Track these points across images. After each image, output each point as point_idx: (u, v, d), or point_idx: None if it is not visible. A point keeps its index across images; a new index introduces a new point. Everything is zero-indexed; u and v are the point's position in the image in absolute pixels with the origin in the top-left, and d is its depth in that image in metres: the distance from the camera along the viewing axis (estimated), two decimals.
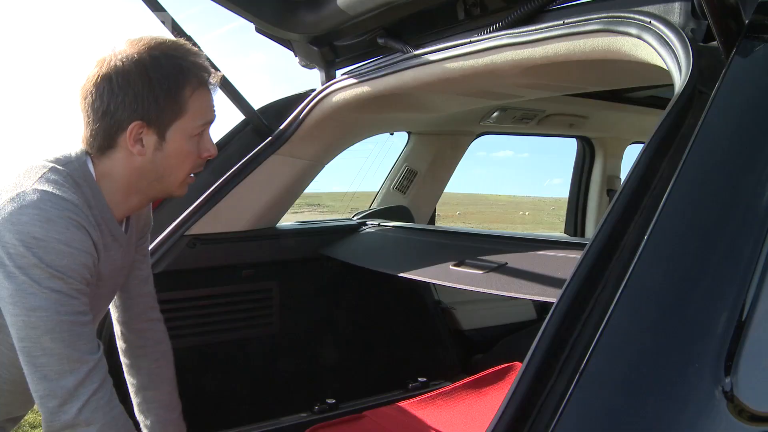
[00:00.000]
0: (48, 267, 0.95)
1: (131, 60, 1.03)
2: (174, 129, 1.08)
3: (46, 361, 0.96)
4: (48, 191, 0.99)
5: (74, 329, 0.98)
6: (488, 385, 1.78)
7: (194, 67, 1.08)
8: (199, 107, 1.09)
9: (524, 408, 0.62)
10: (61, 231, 0.97)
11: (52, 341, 0.96)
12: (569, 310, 0.67)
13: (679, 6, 1.09)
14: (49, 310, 0.95)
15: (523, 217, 28.26)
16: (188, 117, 1.08)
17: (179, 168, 1.11)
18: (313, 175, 2.02)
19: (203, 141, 1.13)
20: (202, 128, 1.11)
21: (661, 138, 0.80)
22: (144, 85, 1.03)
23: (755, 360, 0.63)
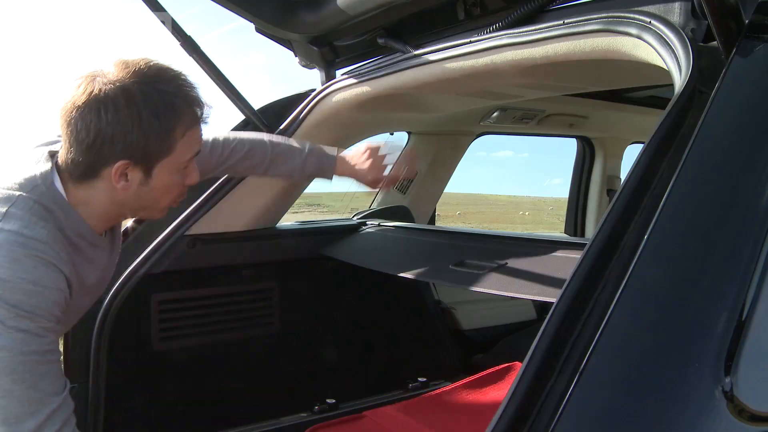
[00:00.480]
0: (13, 308, 0.91)
1: (121, 92, 0.97)
2: (161, 165, 1.04)
3: (6, 403, 0.92)
4: (13, 231, 0.95)
5: (38, 369, 0.94)
6: (488, 385, 1.78)
7: (186, 104, 1.03)
8: (188, 144, 1.06)
9: (524, 408, 0.62)
10: (28, 270, 0.93)
11: (12, 382, 0.91)
12: (569, 310, 0.67)
13: (679, 6, 1.09)
14: (13, 350, 0.91)
15: (523, 217, 28.27)
16: (176, 154, 1.04)
17: (163, 199, 1.10)
18: None
19: (188, 170, 1.10)
20: (189, 161, 1.09)
21: (661, 138, 0.80)
22: (134, 124, 0.98)
23: (755, 360, 0.63)
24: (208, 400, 1.86)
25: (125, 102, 0.97)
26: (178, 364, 1.82)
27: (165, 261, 1.76)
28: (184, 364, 1.82)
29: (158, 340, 1.78)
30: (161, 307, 1.78)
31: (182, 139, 1.04)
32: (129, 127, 0.98)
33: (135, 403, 1.76)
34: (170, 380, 1.81)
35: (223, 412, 1.88)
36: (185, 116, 1.03)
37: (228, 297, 1.89)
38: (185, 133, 1.04)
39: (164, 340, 1.79)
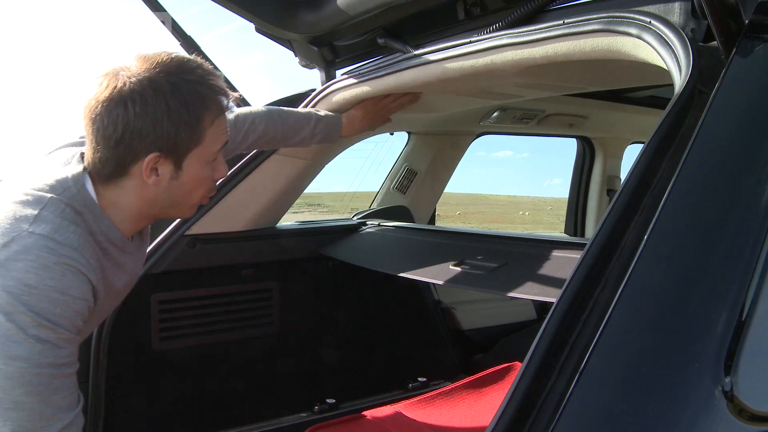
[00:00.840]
0: (36, 315, 0.89)
1: (148, 83, 0.95)
2: (191, 157, 1.02)
3: (16, 415, 0.90)
4: (44, 235, 0.92)
5: (53, 383, 0.92)
6: (488, 385, 1.78)
7: (213, 92, 1.02)
8: (216, 134, 1.04)
9: (524, 408, 0.62)
10: (56, 278, 0.91)
11: (26, 395, 0.89)
12: (569, 310, 0.67)
13: (679, 6, 1.09)
14: (30, 360, 0.89)
15: (523, 217, 28.27)
16: (206, 144, 1.03)
17: (194, 193, 1.08)
18: (313, 175, 2.02)
19: (217, 163, 1.09)
20: (217, 152, 1.07)
21: (661, 138, 0.80)
22: (163, 115, 0.96)
23: (755, 360, 0.63)
24: (208, 400, 1.86)
25: (152, 93, 0.95)
26: (178, 364, 1.82)
27: (165, 261, 1.76)
28: (184, 364, 1.82)
29: (158, 340, 1.78)
30: (161, 307, 1.78)
31: (211, 127, 1.03)
32: (158, 118, 0.96)
33: (135, 403, 1.76)
34: (170, 380, 1.81)
35: (223, 412, 1.88)
36: (213, 104, 1.02)
37: (228, 297, 1.89)
38: (213, 121, 1.03)
39: (164, 340, 1.79)
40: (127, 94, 0.95)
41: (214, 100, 1.02)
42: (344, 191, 3.25)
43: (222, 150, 1.09)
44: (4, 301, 0.88)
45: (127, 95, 0.95)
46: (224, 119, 1.07)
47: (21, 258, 0.90)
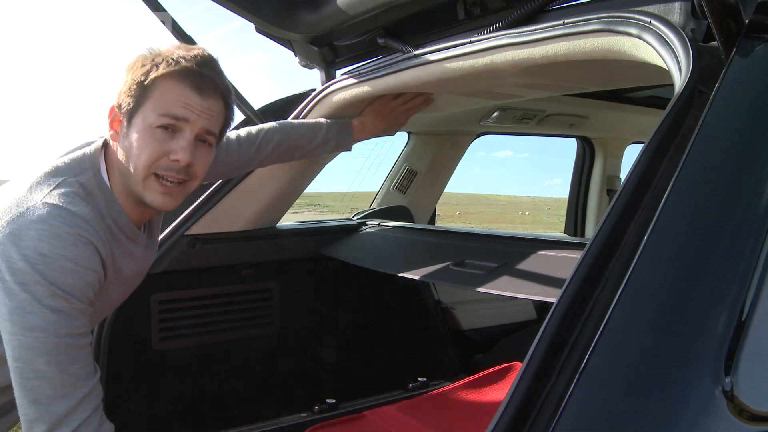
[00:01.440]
0: (51, 285, 0.91)
1: (139, 55, 1.07)
2: (137, 116, 1.04)
3: (38, 384, 0.93)
4: (58, 205, 0.96)
5: (71, 352, 0.94)
6: (488, 385, 1.78)
7: (172, 58, 1.04)
8: (161, 96, 1.03)
9: (524, 408, 0.62)
10: (68, 248, 0.94)
11: (47, 364, 0.92)
12: (569, 310, 0.67)
13: (679, 6, 1.09)
14: (47, 330, 0.91)
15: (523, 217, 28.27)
16: (149, 104, 1.03)
17: (138, 158, 1.04)
18: (313, 175, 2.02)
19: (173, 142, 1.04)
20: (165, 120, 1.03)
21: (661, 138, 0.80)
22: (127, 73, 1.06)
23: (755, 360, 0.63)
24: (208, 400, 1.86)
25: (132, 60, 1.07)
26: (178, 364, 1.82)
27: (165, 261, 1.76)
28: (184, 364, 1.82)
29: (158, 340, 1.78)
30: (161, 307, 1.78)
31: (156, 85, 1.03)
32: (124, 73, 1.07)
33: (135, 402, 1.76)
34: (170, 380, 1.81)
35: (223, 412, 1.88)
36: (163, 64, 1.03)
37: (228, 297, 1.89)
38: (159, 79, 1.03)
39: (164, 340, 1.79)
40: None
41: (168, 61, 1.04)
42: (344, 191, 3.25)
43: (183, 133, 1.05)
44: (19, 269, 0.91)
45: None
46: (177, 86, 1.04)
47: (34, 227, 0.93)
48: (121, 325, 1.70)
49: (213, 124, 1.09)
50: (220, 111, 1.10)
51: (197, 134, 1.07)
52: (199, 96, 1.05)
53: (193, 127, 1.05)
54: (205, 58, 1.08)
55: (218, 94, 1.09)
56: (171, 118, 1.03)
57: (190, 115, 1.04)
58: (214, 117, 1.09)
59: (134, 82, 1.04)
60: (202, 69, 1.06)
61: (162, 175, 1.05)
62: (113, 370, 1.69)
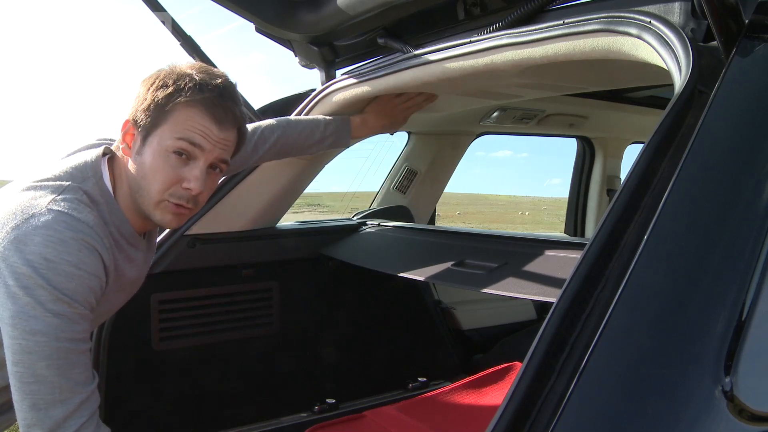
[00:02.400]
0: (54, 289, 0.92)
1: (156, 72, 1.07)
2: (153, 137, 1.04)
3: (37, 388, 0.93)
4: (63, 212, 0.97)
5: (71, 357, 0.95)
6: (488, 385, 1.78)
7: (194, 85, 1.04)
8: (182, 121, 1.03)
9: (524, 408, 0.62)
10: (72, 253, 0.94)
11: (47, 368, 0.92)
12: (569, 310, 0.67)
13: (679, 6, 1.09)
14: (49, 335, 0.92)
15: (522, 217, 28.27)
16: (167, 127, 1.04)
17: (151, 182, 1.05)
18: (313, 175, 2.02)
19: (187, 169, 1.05)
20: (180, 145, 1.04)
21: (661, 138, 0.80)
22: (146, 89, 1.05)
23: (755, 360, 0.63)
24: (208, 400, 1.86)
25: (153, 73, 1.07)
26: (178, 364, 1.82)
27: (165, 261, 1.76)
28: (184, 364, 1.82)
29: (158, 340, 1.78)
30: (161, 307, 1.78)
31: (175, 110, 1.03)
32: (142, 91, 1.06)
33: (135, 402, 1.76)
34: (170, 380, 1.81)
35: (223, 411, 1.88)
36: (188, 89, 1.03)
37: (228, 297, 1.89)
38: (179, 105, 1.03)
39: (164, 340, 1.79)
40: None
41: (192, 86, 1.04)
42: (344, 191, 3.25)
43: (197, 155, 1.06)
44: (23, 273, 0.91)
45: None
46: (197, 114, 1.04)
47: (39, 233, 0.94)
48: (121, 325, 1.69)
49: (227, 154, 1.11)
50: (234, 140, 1.12)
51: (211, 163, 1.08)
52: (217, 127, 1.06)
53: (207, 157, 1.06)
54: (227, 87, 1.09)
55: (235, 124, 1.10)
56: (188, 143, 1.04)
57: (206, 144, 1.05)
58: (228, 147, 1.10)
59: (154, 101, 1.04)
60: (224, 101, 1.07)
61: (174, 202, 1.07)
62: (113, 370, 1.69)
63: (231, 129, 1.09)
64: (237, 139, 1.14)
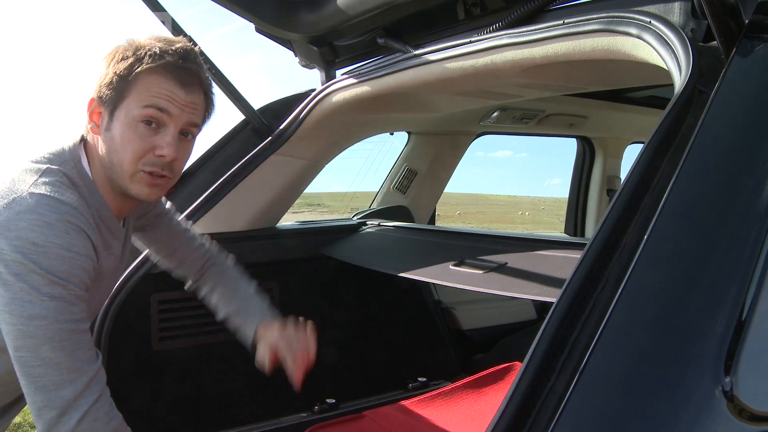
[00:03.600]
0: (47, 273, 0.91)
1: (112, 48, 1.05)
2: (119, 110, 1.02)
3: (44, 371, 0.93)
4: (45, 194, 0.96)
5: (74, 337, 0.95)
6: (488, 385, 1.78)
7: (154, 52, 1.02)
8: (146, 88, 1.01)
9: (524, 408, 0.62)
10: (60, 235, 0.93)
11: (51, 350, 0.92)
12: (569, 310, 0.67)
13: (679, 6, 1.09)
14: (48, 318, 0.92)
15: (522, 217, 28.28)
16: (132, 97, 1.01)
17: (123, 153, 1.02)
18: (313, 175, 2.02)
19: (158, 137, 1.03)
20: (147, 112, 1.01)
21: (661, 138, 0.80)
22: (108, 64, 1.03)
23: (755, 360, 0.63)
24: (208, 400, 1.86)
25: (112, 50, 1.04)
26: (178, 364, 1.81)
27: None
28: (184, 364, 1.82)
29: (158, 340, 1.78)
30: (161, 307, 1.78)
31: (139, 78, 1.01)
32: (104, 67, 1.04)
33: (135, 403, 1.76)
34: (170, 380, 1.81)
35: (223, 412, 1.88)
36: (147, 56, 1.01)
37: None
38: (142, 73, 1.01)
39: (164, 340, 1.79)
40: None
41: (151, 53, 1.01)
42: (344, 191, 3.25)
43: (167, 128, 1.04)
44: (12, 260, 0.90)
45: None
46: (160, 79, 1.02)
47: (24, 217, 0.92)
48: (121, 325, 1.69)
49: (197, 117, 1.08)
50: (202, 104, 1.09)
51: (181, 128, 1.06)
52: (183, 90, 1.04)
53: (177, 122, 1.04)
54: (188, 51, 1.07)
55: (201, 87, 1.08)
56: (155, 110, 1.02)
57: (173, 108, 1.03)
58: (197, 110, 1.08)
59: (116, 75, 1.01)
60: (186, 63, 1.05)
61: (150, 171, 1.04)
62: (113, 370, 1.68)
63: (197, 91, 1.07)
64: (205, 104, 1.11)
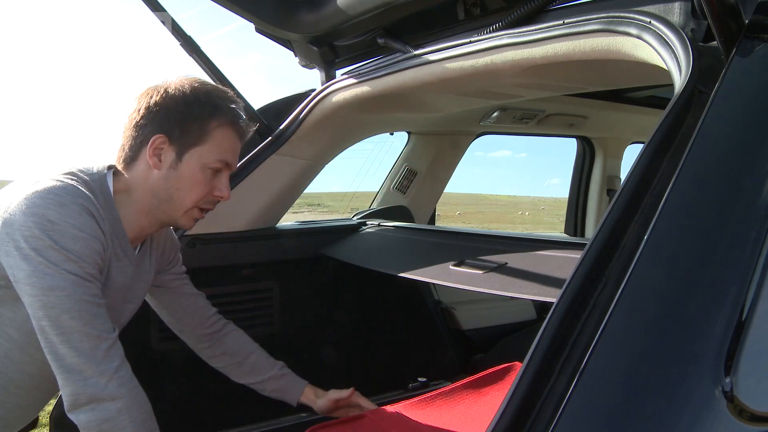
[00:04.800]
0: (63, 249, 0.97)
1: (174, 86, 1.12)
2: (191, 153, 1.13)
3: (67, 338, 0.98)
4: (64, 181, 1.03)
5: (91, 309, 1.00)
6: (488, 385, 1.78)
7: (227, 106, 1.15)
8: (221, 142, 1.14)
9: (524, 408, 0.62)
10: (74, 216, 1.00)
11: (71, 319, 0.98)
12: (569, 310, 0.67)
13: (679, 6, 1.09)
14: (67, 289, 0.97)
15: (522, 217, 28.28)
16: (208, 147, 1.13)
17: (187, 193, 1.14)
18: (313, 175, 2.02)
19: (218, 180, 1.17)
20: (218, 164, 1.15)
21: (661, 138, 0.80)
22: (177, 106, 1.11)
23: (755, 360, 0.63)
24: (208, 400, 1.86)
25: (174, 92, 1.12)
26: (178, 364, 1.81)
27: None
28: (184, 364, 1.82)
29: (158, 340, 1.78)
30: None
31: (217, 132, 1.13)
32: (171, 107, 1.11)
33: None
34: (170, 380, 1.81)
35: (223, 412, 1.87)
36: (224, 113, 1.14)
37: (228, 297, 1.89)
38: (220, 127, 1.14)
39: (164, 340, 1.79)
40: (154, 91, 1.12)
41: (227, 111, 1.15)
42: (344, 191, 3.26)
43: (227, 171, 1.19)
44: (31, 235, 0.97)
45: (154, 87, 1.13)
46: (232, 134, 1.16)
47: (43, 195, 1.00)
48: None
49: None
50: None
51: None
52: (241, 142, 1.20)
53: (231, 169, 1.20)
54: (241, 106, 1.21)
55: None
56: (224, 164, 1.17)
57: (234, 161, 1.20)
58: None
59: (193, 117, 1.11)
60: (246, 123, 1.20)
61: (204, 208, 1.19)
62: None
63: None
64: None
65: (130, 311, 1.29)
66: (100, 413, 1.00)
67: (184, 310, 1.44)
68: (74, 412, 1.00)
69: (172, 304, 1.44)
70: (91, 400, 0.99)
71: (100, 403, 1.00)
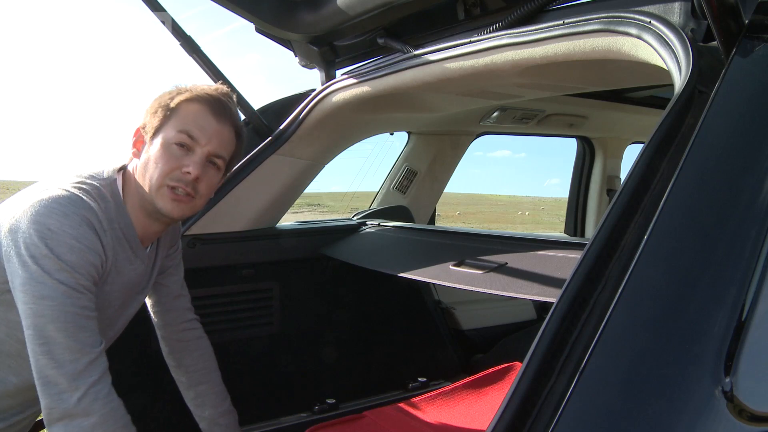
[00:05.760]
0: (58, 259, 0.99)
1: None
2: (159, 134, 1.16)
3: (49, 349, 1.00)
4: (70, 191, 1.06)
5: (79, 321, 1.02)
6: (488, 385, 1.78)
7: (198, 87, 1.19)
8: (184, 116, 1.16)
9: (524, 408, 0.62)
10: (74, 226, 1.02)
11: (56, 330, 0.99)
12: (569, 310, 0.67)
13: (679, 6, 1.09)
14: (56, 299, 0.99)
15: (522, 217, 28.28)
16: (171, 124, 1.16)
17: (154, 170, 1.15)
18: (313, 175, 2.02)
19: (188, 158, 1.16)
20: (181, 137, 1.15)
21: (661, 138, 0.80)
22: (156, 102, 1.18)
23: (755, 360, 0.63)
24: None
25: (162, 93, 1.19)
26: None
27: None
28: None
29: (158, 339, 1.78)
30: None
31: (180, 107, 1.16)
32: (152, 104, 1.18)
33: (135, 402, 1.75)
34: (170, 380, 1.81)
35: None
36: (189, 91, 1.17)
37: (228, 297, 1.89)
38: (183, 102, 1.16)
39: None
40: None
41: (195, 89, 1.18)
42: (344, 191, 3.26)
43: (195, 150, 1.17)
44: (31, 242, 1.00)
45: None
46: (196, 109, 1.17)
47: (47, 204, 1.03)
48: None
49: (222, 149, 1.20)
50: (230, 138, 1.21)
51: (207, 155, 1.17)
52: (214, 119, 1.17)
53: (203, 149, 1.17)
54: (225, 91, 1.23)
55: (231, 122, 1.21)
56: (187, 136, 1.15)
57: (202, 137, 1.16)
58: (224, 142, 1.20)
59: (160, 105, 1.17)
60: (222, 98, 1.20)
61: (173, 185, 1.15)
62: (113, 370, 1.69)
63: (227, 123, 1.19)
64: (235, 141, 1.23)
65: (138, 302, 1.33)
66: (73, 430, 1.00)
67: (162, 305, 1.46)
68: (49, 428, 1.01)
69: (158, 302, 1.47)
70: (64, 415, 1.00)
71: (73, 419, 1.00)
